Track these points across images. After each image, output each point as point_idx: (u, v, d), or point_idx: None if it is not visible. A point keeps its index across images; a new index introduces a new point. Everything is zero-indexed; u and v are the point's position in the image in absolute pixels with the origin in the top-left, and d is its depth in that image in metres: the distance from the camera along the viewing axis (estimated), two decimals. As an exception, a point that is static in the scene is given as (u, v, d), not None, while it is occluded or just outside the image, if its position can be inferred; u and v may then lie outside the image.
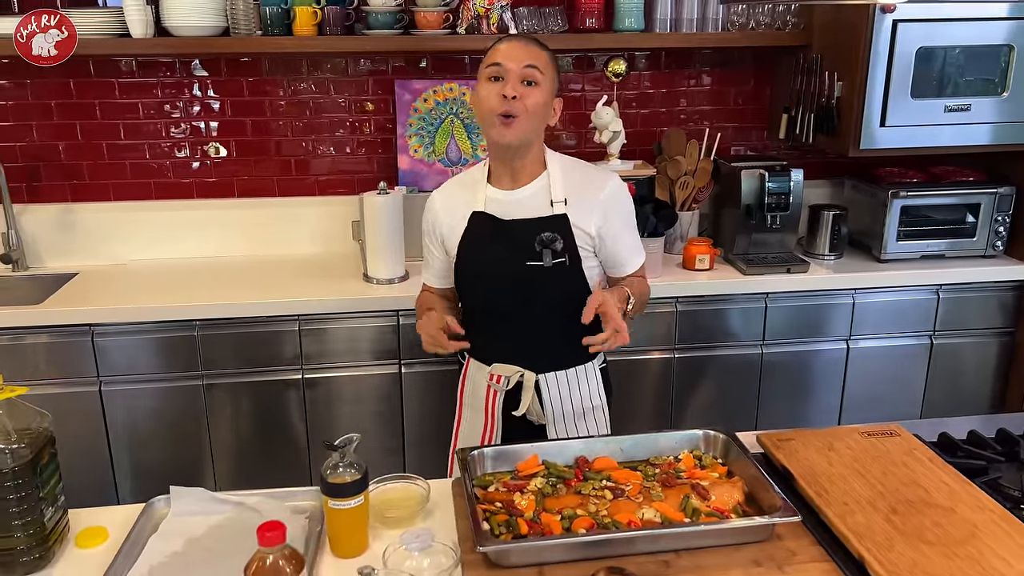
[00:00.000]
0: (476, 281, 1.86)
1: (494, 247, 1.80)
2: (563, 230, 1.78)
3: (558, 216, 1.78)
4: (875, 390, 2.91)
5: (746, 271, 2.76)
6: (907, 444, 1.57)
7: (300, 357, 2.60)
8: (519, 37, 1.79)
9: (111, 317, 2.49)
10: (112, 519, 1.45)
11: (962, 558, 1.23)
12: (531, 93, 1.72)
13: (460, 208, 1.84)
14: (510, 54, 1.72)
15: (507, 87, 1.70)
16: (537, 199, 1.80)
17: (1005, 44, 2.62)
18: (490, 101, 1.72)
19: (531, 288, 1.80)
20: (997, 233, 2.89)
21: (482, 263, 1.82)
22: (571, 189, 1.81)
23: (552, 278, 1.78)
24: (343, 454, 1.33)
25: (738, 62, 3.11)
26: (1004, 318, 2.91)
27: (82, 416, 2.53)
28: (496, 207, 1.82)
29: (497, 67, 1.72)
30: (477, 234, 1.82)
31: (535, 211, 1.79)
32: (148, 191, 2.96)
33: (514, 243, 1.78)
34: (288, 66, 2.91)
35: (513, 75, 1.71)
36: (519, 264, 1.78)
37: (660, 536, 1.33)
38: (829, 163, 3.22)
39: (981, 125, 2.69)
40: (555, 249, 1.76)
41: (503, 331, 1.85)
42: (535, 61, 1.73)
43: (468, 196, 1.85)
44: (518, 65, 1.71)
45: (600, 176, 1.86)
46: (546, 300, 1.82)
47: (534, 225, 1.78)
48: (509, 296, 1.81)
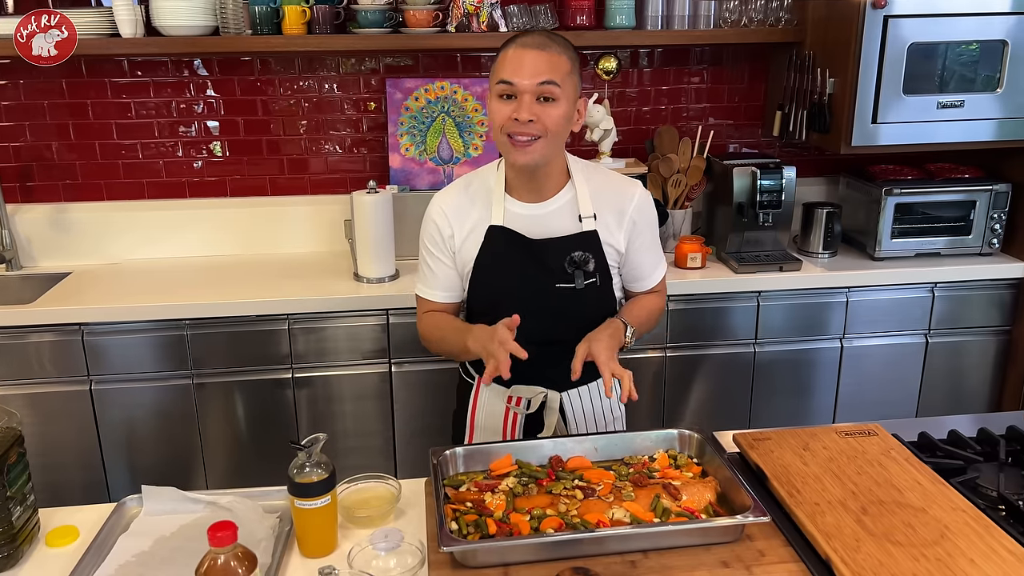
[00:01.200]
0: (495, 302, 1.67)
1: (519, 267, 1.65)
2: (594, 248, 1.66)
3: (588, 233, 1.65)
4: (870, 389, 2.89)
5: (738, 269, 2.75)
6: (884, 444, 1.55)
7: (290, 356, 2.60)
8: (531, 41, 1.53)
9: (102, 316, 2.50)
10: (84, 518, 1.45)
11: (930, 559, 1.21)
12: (549, 111, 1.53)
13: (472, 219, 1.67)
14: (521, 68, 1.50)
15: (521, 110, 1.51)
16: (563, 214, 1.66)
17: (998, 40, 2.59)
18: (502, 120, 1.54)
19: (558, 310, 1.67)
20: (993, 231, 2.86)
21: (505, 285, 1.66)
22: (598, 201, 1.67)
23: (582, 299, 1.67)
24: (309, 454, 1.33)
25: (731, 59, 3.09)
26: (1000, 316, 2.88)
27: (73, 415, 2.55)
28: (518, 222, 1.65)
29: (507, 85, 1.52)
30: (498, 251, 1.65)
31: (563, 228, 1.66)
32: (141, 191, 2.98)
33: (543, 264, 1.64)
34: (280, 65, 2.92)
35: (527, 94, 1.51)
36: (548, 286, 1.64)
37: (627, 536, 1.32)
38: (824, 160, 3.20)
39: (975, 121, 2.67)
40: (587, 270, 1.64)
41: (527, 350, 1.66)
42: (551, 75, 1.51)
43: (481, 206, 1.67)
44: (532, 82, 1.51)
45: (625, 185, 1.73)
46: (573, 321, 1.68)
47: (564, 244, 1.65)
48: (533, 318, 1.61)
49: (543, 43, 1.53)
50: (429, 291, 1.77)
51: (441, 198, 1.72)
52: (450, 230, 1.68)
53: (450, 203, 1.70)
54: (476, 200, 1.68)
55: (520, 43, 1.53)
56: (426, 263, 1.75)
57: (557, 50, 1.53)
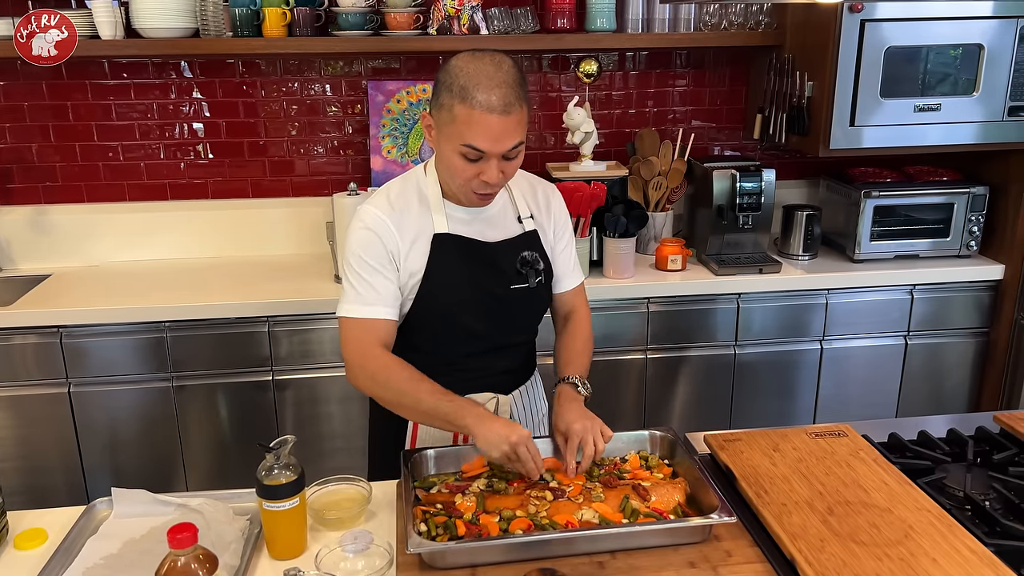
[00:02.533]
0: (447, 312, 1.61)
1: (473, 273, 1.60)
2: (537, 247, 1.67)
3: (530, 232, 1.67)
4: (850, 391, 2.90)
5: (718, 271, 2.76)
6: (854, 445, 1.56)
7: (271, 358, 2.60)
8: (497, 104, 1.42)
9: (81, 319, 2.49)
10: (53, 521, 1.45)
11: (893, 559, 1.22)
12: (513, 164, 1.52)
13: (413, 229, 1.59)
14: (488, 138, 1.44)
15: (490, 173, 1.48)
16: (504, 216, 1.67)
17: (975, 44, 2.61)
18: (465, 178, 1.51)
19: (513, 312, 1.66)
20: (971, 233, 2.88)
21: (458, 292, 1.60)
22: (528, 200, 1.70)
23: (531, 299, 1.68)
24: (278, 455, 1.33)
25: (712, 62, 3.11)
26: (979, 318, 2.90)
27: (52, 418, 2.54)
28: (462, 227, 1.61)
29: (474, 151, 1.46)
30: (448, 259, 1.59)
31: (507, 230, 1.66)
32: (122, 192, 2.97)
33: (496, 267, 1.62)
34: (262, 68, 2.92)
35: (494, 158, 1.47)
36: (504, 288, 1.63)
37: (595, 537, 1.32)
38: (805, 163, 3.22)
39: (951, 125, 2.68)
40: (537, 269, 1.65)
41: (475, 360, 1.67)
42: (518, 136, 1.47)
43: (418, 214, 1.60)
44: (502, 150, 1.47)
45: (542, 184, 1.75)
46: (525, 322, 1.72)
47: (514, 245, 1.64)
48: (487, 322, 1.63)
49: (507, 103, 1.43)
50: (369, 309, 1.56)
51: (375, 209, 1.58)
52: (393, 240, 1.56)
53: (387, 211, 1.58)
54: (411, 208, 1.60)
55: (485, 106, 1.42)
56: (362, 279, 1.56)
57: (519, 104, 1.45)
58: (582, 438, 1.48)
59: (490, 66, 1.45)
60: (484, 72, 1.43)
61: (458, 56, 1.49)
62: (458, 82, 1.44)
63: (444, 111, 1.47)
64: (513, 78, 1.45)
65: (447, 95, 1.46)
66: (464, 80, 1.43)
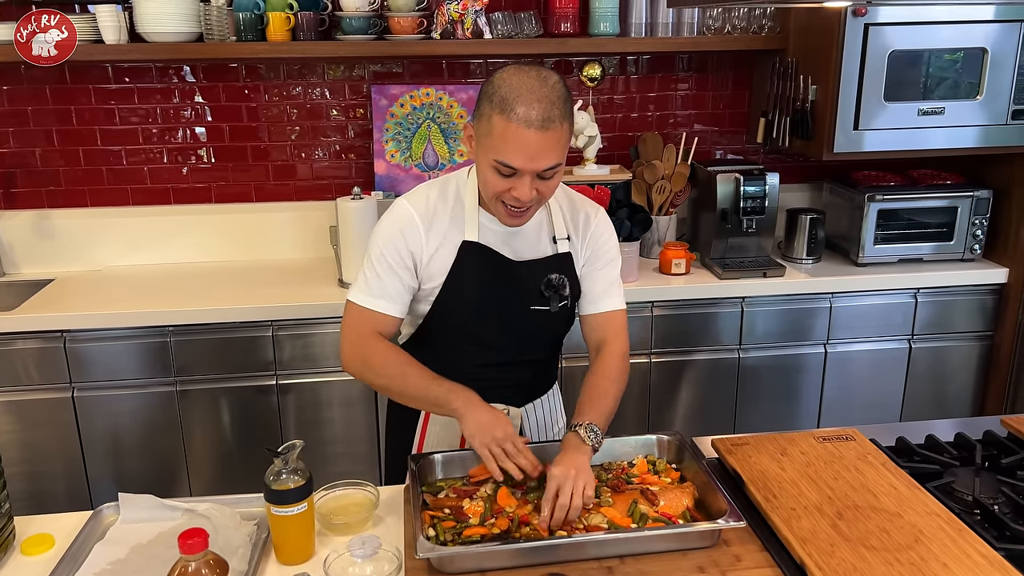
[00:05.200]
0: (463, 321, 1.60)
1: (494, 287, 1.58)
2: (568, 271, 1.63)
3: (563, 255, 1.63)
4: (854, 394, 2.90)
5: (722, 275, 2.76)
6: (861, 449, 1.56)
7: (275, 363, 2.60)
8: (534, 118, 1.38)
9: (84, 323, 2.49)
10: (60, 526, 1.45)
11: (903, 564, 1.22)
12: (549, 184, 1.47)
13: (442, 232, 1.57)
14: (523, 155, 1.40)
15: (522, 190, 1.44)
16: (539, 234, 1.62)
17: (978, 47, 2.61)
18: (497, 191, 1.47)
19: (529, 332, 1.63)
20: (975, 236, 2.88)
21: (477, 304, 1.58)
22: (568, 220, 1.65)
23: (551, 322, 1.63)
24: (286, 460, 1.33)
25: (716, 66, 3.11)
26: (983, 321, 2.90)
27: (55, 423, 2.54)
28: (493, 239, 1.58)
29: (508, 168, 1.43)
30: (470, 268, 1.56)
31: (538, 249, 1.62)
32: (125, 197, 2.97)
33: (519, 285, 1.59)
34: (265, 72, 2.92)
35: (528, 175, 1.44)
36: (522, 308, 1.60)
37: (604, 541, 1.32)
38: (808, 167, 3.22)
39: (955, 128, 2.68)
40: (563, 294, 1.60)
41: (488, 370, 1.64)
42: (556, 158, 1.43)
43: (452, 218, 1.58)
44: (536, 169, 1.43)
45: (586, 205, 1.69)
46: (541, 342, 1.68)
47: (542, 267, 1.60)
48: (502, 336, 1.61)
49: (546, 119, 1.39)
50: (374, 301, 1.56)
51: (412, 205, 1.57)
52: (419, 243, 1.55)
53: (423, 212, 1.57)
54: (445, 212, 1.58)
55: (522, 120, 1.38)
56: (376, 273, 1.56)
57: (559, 122, 1.41)
58: (560, 486, 1.36)
59: (534, 80, 1.41)
60: (527, 85, 1.40)
61: (504, 68, 1.47)
62: (499, 93, 1.41)
63: (483, 121, 1.45)
64: (557, 94, 1.42)
65: (487, 105, 1.43)
66: (505, 91, 1.41)
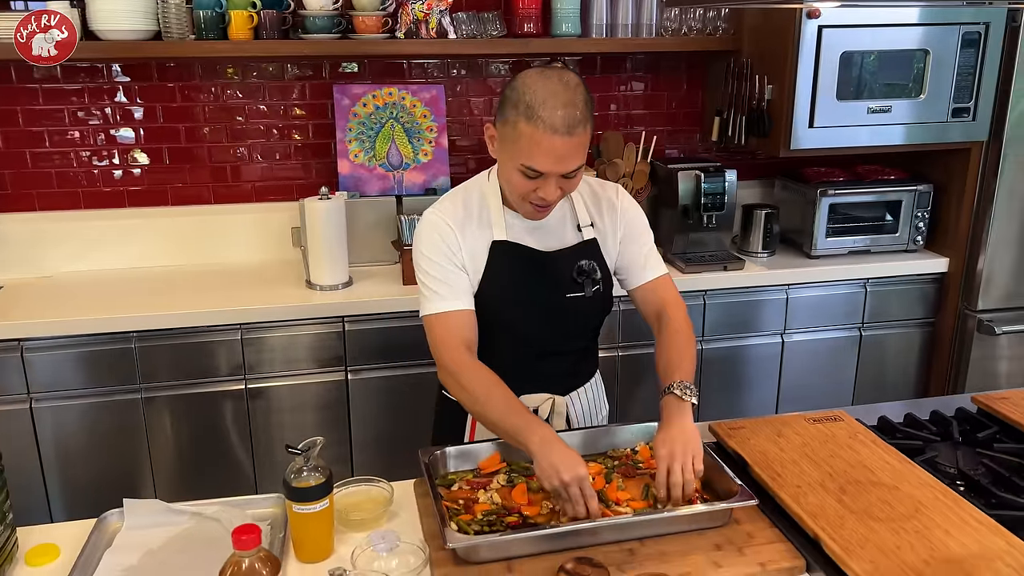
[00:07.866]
0: (502, 316, 1.64)
1: (528, 281, 1.63)
2: (596, 256, 1.68)
3: (589, 241, 1.68)
4: (809, 381, 3.02)
5: (685, 270, 2.84)
6: (851, 428, 1.64)
7: (243, 367, 2.55)
8: (560, 123, 1.43)
9: (41, 331, 2.39)
10: (63, 535, 1.40)
11: (909, 532, 1.29)
12: (572, 181, 1.53)
13: (473, 234, 1.62)
14: (549, 160, 1.46)
15: (548, 191, 1.50)
16: (564, 224, 1.67)
17: (920, 49, 2.76)
18: (523, 192, 1.53)
19: (568, 320, 1.68)
20: (917, 228, 3.04)
21: (515, 299, 1.63)
22: (591, 208, 1.70)
23: (589, 306, 1.68)
24: (307, 458, 1.32)
25: (671, 67, 3.19)
26: (925, 309, 3.06)
27: (11, 435, 2.43)
28: (521, 234, 1.64)
29: (534, 172, 1.48)
30: (504, 266, 1.62)
31: (565, 239, 1.67)
32: (76, 200, 2.86)
33: (552, 276, 1.64)
34: (223, 71, 2.86)
35: (553, 177, 1.50)
36: (559, 297, 1.64)
37: (624, 525, 1.36)
38: (759, 164, 3.34)
39: (900, 126, 2.83)
40: (595, 278, 1.66)
41: (531, 362, 1.69)
42: (580, 160, 1.48)
43: (479, 220, 1.63)
44: (561, 172, 1.49)
45: (606, 189, 1.74)
46: (581, 329, 1.73)
47: (571, 255, 1.65)
48: (542, 328, 1.66)
49: (572, 124, 1.44)
50: (453, 303, 1.59)
51: (440, 213, 1.63)
52: (456, 244, 1.60)
53: (451, 217, 1.62)
54: (473, 214, 1.63)
55: (548, 126, 1.42)
56: (434, 278, 1.60)
57: (583, 126, 1.46)
58: (669, 466, 1.41)
59: (558, 84, 1.45)
60: (551, 91, 1.44)
61: (526, 72, 1.49)
62: (524, 99, 1.44)
63: (509, 126, 1.48)
64: (580, 97, 1.46)
65: (513, 111, 1.46)
66: (530, 98, 1.44)
